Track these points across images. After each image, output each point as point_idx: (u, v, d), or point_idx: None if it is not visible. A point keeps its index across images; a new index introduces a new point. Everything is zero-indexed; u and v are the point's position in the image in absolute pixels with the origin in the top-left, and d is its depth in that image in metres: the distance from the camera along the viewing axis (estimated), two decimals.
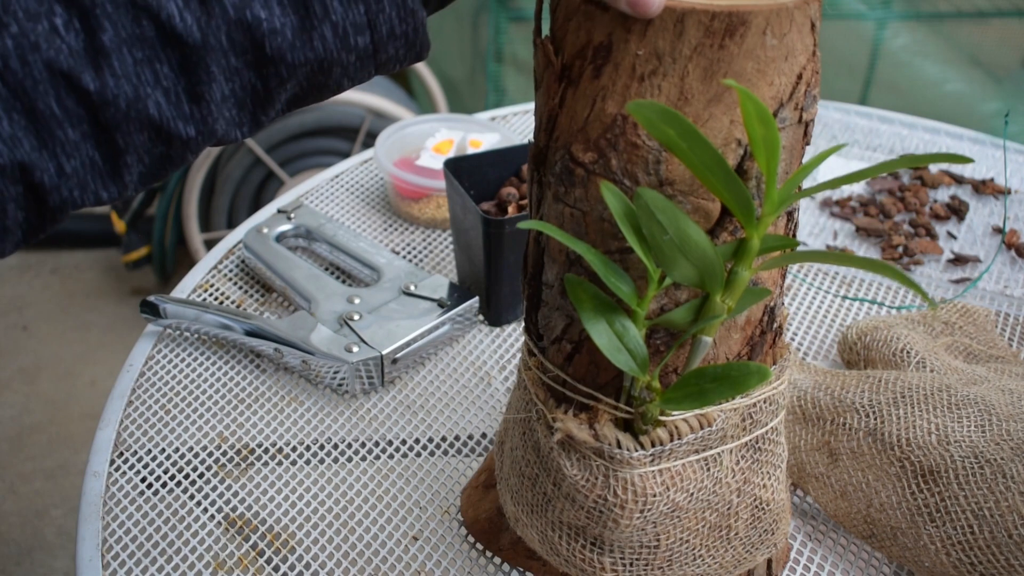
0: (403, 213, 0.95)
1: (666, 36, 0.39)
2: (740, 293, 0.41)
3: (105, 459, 0.66)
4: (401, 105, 1.82)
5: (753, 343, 0.47)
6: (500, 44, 2.02)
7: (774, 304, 0.46)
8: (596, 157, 0.42)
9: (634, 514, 0.45)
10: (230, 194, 1.82)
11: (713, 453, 0.46)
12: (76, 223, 2.22)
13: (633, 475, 0.45)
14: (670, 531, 0.47)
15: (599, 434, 0.45)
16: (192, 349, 0.76)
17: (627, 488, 0.45)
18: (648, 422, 0.44)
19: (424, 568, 0.60)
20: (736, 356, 0.46)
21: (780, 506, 0.52)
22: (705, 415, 0.44)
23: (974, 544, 0.55)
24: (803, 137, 0.43)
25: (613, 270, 0.42)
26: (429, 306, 0.77)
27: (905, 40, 2.07)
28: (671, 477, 0.45)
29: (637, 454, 0.44)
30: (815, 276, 0.89)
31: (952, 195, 1.01)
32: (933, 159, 0.38)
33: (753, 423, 0.48)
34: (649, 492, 0.45)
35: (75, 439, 1.76)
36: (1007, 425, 0.57)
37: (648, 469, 0.45)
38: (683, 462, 0.45)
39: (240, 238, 0.87)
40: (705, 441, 0.45)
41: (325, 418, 0.71)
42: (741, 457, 0.48)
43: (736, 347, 0.46)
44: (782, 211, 0.39)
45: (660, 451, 0.44)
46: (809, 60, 0.40)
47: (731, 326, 0.45)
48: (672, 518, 0.47)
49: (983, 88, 2.09)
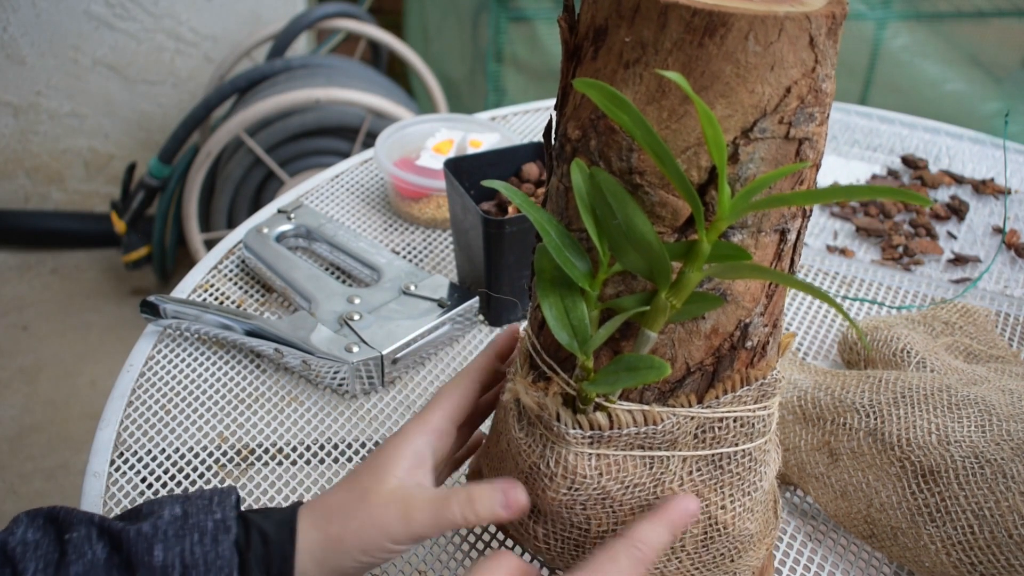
0: (403, 213, 0.95)
1: (651, 27, 0.39)
2: (687, 294, 0.41)
3: (105, 459, 0.66)
4: (401, 105, 1.82)
5: (720, 355, 0.45)
6: (500, 44, 2.02)
7: (749, 321, 0.45)
8: (580, 136, 0.43)
9: (561, 489, 0.46)
10: (230, 194, 1.82)
11: (660, 455, 0.46)
12: (76, 223, 2.22)
13: (568, 452, 0.45)
14: (602, 518, 0.47)
15: (542, 403, 0.46)
16: (192, 349, 0.76)
17: (559, 462, 0.45)
18: (586, 403, 0.45)
19: (424, 568, 0.60)
20: (698, 364, 0.45)
21: (745, 536, 0.49)
22: (651, 413, 0.44)
23: (974, 544, 0.55)
24: (795, 155, 0.41)
25: (572, 248, 0.43)
26: (429, 306, 0.77)
27: (905, 40, 2.07)
28: (607, 465, 0.45)
29: (574, 432, 0.45)
30: (815, 276, 0.89)
31: (952, 195, 1.01)
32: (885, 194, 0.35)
33: (716, 439, 0.46)
34: (580, 472, 0.45)
35: (75, 439, 1.76)
36: (1007, 425, 0.57)
37: (585, 450, 0.45)
38: (624, 454, 0.45)
39: (240, 238, 0.87)
40: (649, 439, 0.45)
41: (325, 418, 0.71)
42: (696, 470, 0.47)
43: (698, 355, 0.45)
44: (735, 219, 0.38)
45: (598, 435, 0.45)
46: (805, 76, 0.39)
47: (693, 331, 0.44)
48: (604, 506, 0.47)
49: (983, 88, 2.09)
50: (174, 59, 2.15)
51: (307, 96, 1.71)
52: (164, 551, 0.45)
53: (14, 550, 0.45)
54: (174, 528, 0.46)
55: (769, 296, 0.45)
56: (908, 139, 1.12)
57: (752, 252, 0.43)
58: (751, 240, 0.43)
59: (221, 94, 1.82)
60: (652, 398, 0.45)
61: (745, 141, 0.40)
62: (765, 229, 0.43)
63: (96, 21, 2.06)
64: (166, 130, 2.19)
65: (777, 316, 0.47)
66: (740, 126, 0.40)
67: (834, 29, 0.40)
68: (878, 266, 0.90)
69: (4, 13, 1.99)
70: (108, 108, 2.17)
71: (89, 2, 2.03)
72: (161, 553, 0.45)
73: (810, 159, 0.42)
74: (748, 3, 0.39)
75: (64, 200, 2.27)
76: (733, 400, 0.46)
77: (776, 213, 0.43)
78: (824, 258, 0.91)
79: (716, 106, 0.39)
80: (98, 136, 2.20)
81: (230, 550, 0.45)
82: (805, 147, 0.41)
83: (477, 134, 0.98)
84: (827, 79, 0.41)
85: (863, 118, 1.15)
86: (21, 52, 2.05)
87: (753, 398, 0.46)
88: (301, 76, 1.82)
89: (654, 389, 0.45)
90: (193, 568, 0.45)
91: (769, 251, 0.44)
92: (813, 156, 0.42)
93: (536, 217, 0.43)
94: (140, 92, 2.17)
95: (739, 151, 0.40)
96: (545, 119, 1.16)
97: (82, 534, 0.46)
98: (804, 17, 0.38)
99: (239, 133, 1.74)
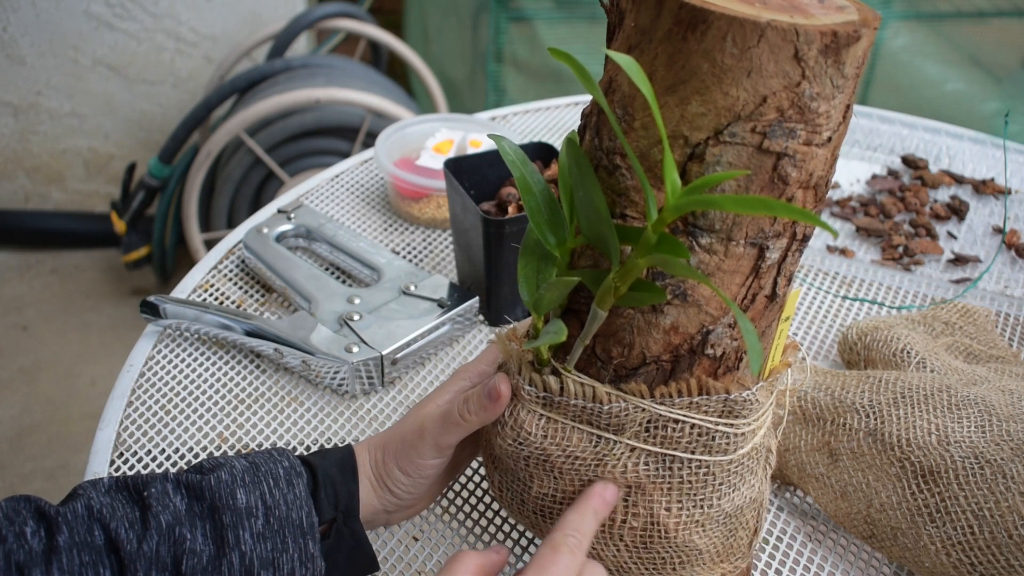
0: (403, 213, 0.95)
1: (650, 15, 0.40)
2: (631, 278, 0.42)
3: (105, 459, 0.66)
4: (401, 105, 1.82)
5: (677, 355, 0.45)
6: (500, 44, 2.02)
7: (712, 329, 0.44)
8: (591, 111, 0.45)
9: (507, 439, 0.49)
10: (230, 194, 1.82)
11: (605, 436, 0.47)
12: (76, 223, 2.22)
13: (521, 407, 0.48)
14: (544, 481, 0.49)
15: (509, 351, 0.50)
16: (192, 349, 0.76)
17: (512, 414, 0.49)
18: (542, 364, 0.48)
19: (424, 568, 0.60)
20: (655, 357, 0.45)
21: (690, 548, 0.49)
22: (599, 391, 0.46)
23: (974, 544, 0.55)
24: (771, 169, 0.40)
25: (551, 215, 0.46)
26: (429, 306, 0.77)
27: (905, 40, 2.07)
28: (554, 430, 0.48)
29: (529, 388, 0.48)
30: (815, 276, 0.89)
31: (952, 195, 1.01)
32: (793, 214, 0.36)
33: (667, 439, 0.46)
34: (526, 428, 0.48)
35: (75, 439, 1.76)
36: (1007, 426, 0.57)
37: (536, 409, 0.48)
38: (572, 424, 0.48)
39: (240, 238, 0.87)
40: (596, 417, 0.47)
41: (325, 418, 0.71)
42: (644, 463, 0.47)
43: (656, 348, 0.45)
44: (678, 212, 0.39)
45: (549, 398, 0.47)
46: (787, 89, 0.38)
47: (652, 323, 0.45)
48: (545, 468, 0.49)
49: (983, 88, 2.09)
50: (174, 59, 2.15)
51: (307, 96, 1.71)
52: (246, 494, 0.49)
53: (100, 511, 0.47)
54: (250, 475, 0.50)
55: (744, 310, 0.45)
56: (908, 139, 1.12)
57: (720, 259, 0.42)
58: (720, 247, 0.42)
59: (221, 94, 1.82)
60: (608, 378, 0.47)
61: (714, 142, 0.40)
62: (736, 239, 0.42)
63: (96, 21, 2.06)
64: (166, 130, 2.19)
65: None
66: (713, 126, 0.40)
67: (833, 49, 0.38)
68: (878, 266, 0.90)
69: (4, 13, 1.99)
70: (108, 108, 2.17)
71: (89, 2, 2.03)
72: (244, 496, 0.49)
73: (792, 178, 0.41)
74: (745, 6, 0.38)
75: (64, 200, 2.27)
76: (690, 405, 0.46)
77: (751, 225, 0.42)
78: (824, 258, 0.90)
79: (692, 102, 0.39)
80: (98, 136, 2.20)
81: (304, 491, 0.50)
82: (785, 164, 0.40)
83: (477, 134, 0.98)
84: (819, 98, 0.39)
85: (863, 118, 1.15)
86: (21, 52, 2.05)
87: (716, 411, 0.46)
88: (301, 76, 1.82)
89: (611, 371, 0.46)
90: (275, 508, 0.49)
91: (744, 264, 0.43)
92: (798, 176, 0.41)
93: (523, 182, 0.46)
94: (140, 92, 2.17)
95: (707, 151, 0.40)
96: (545, 119, 1.16)
97: (159, 489, 0.48)
98: (791, 28, 0.37)
99: (239, 133, 1.74)
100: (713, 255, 0.42)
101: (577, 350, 0.47)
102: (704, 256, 0.42)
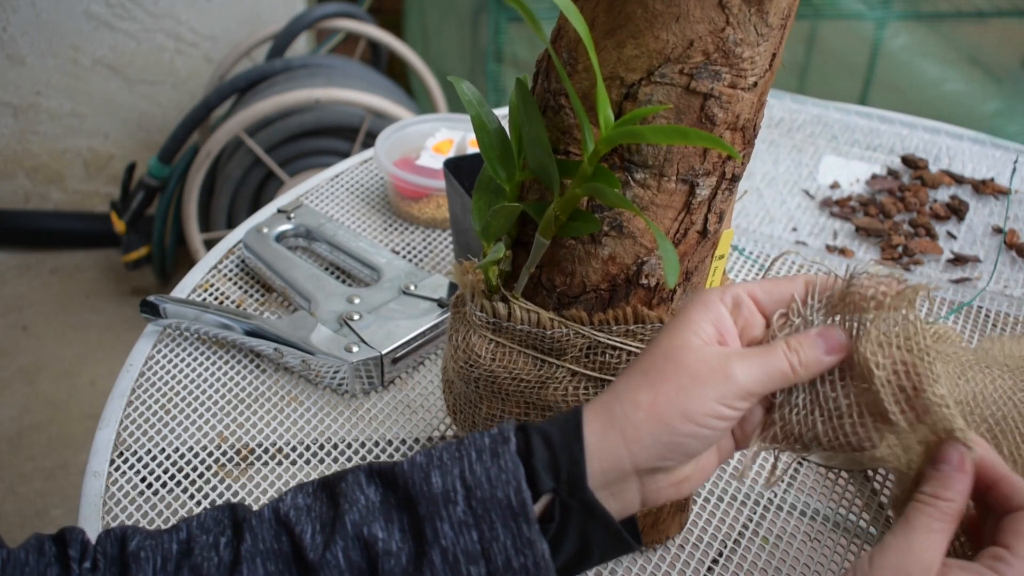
0: (403, 213, 0.95)
1: None
2: (570, 208, 0.45)
3: (105, 459, 0.66)
4: (401, 105, 1.82)
5: (615, 285, 0.49)
6: (500, 44, 2.02)
7: (646, 260, 0.48)
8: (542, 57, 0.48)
9: (459, 361, 0.52)
10: (230, 194, 1.81)
11: (548, 360, 0.50)
12: (76, 223, 2.22)
13: (472, 332, 0.51)
14: (492, 402, 0.52)
15: (464, 280, 0.52)
16: (192, 349, 0.76)
17: (465, 339, 0.52)
18: (493, 291, 0.51)
19: None
20: (594, 286, 0.49)
21: None
22: (543, 317, 0.49)
23: None
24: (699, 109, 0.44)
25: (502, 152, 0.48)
26: (429, 306, 0.77)
27: (905, 40, 2.07)
28: (502, 354, 0.51)
29: (479, 314, 0.51)
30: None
31: (952, 195, 1.01)
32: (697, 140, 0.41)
33: (605, 365, 0.50)
34: (475, 351, 0.51)
35: (75, 439, 1.76)
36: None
37: (486, 334, 0.51)
38: (518, 349, 0.51)
39: (240, 238, 0.87)
40: (539, 342, 0.50)
41: (325, 418, 0.71)
42: (584, 388, 0.50)
43: (595, 277, 0.48)
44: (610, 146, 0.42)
45: (497, 323, 0.50)
46: (712, 34, 0.42)
47: (592, 253, 0.48)
48: (493, 390, 0.52)
49: (983, 88, 2.09)
50: (174, 59, 2.15)
51: (307, 96, 1.71)
52: (441, 476, 0.42)
53: (287, 515, 0.43)
54: (449, 453, 0.43)
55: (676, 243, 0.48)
56: (908, 139, 1.12)
57: (654, 194, 0.46)
58: (653, 182, 0.46)
59: (221, 94, 1.82)
60: (552, 306, 0.50)
61: (647, 82, 0.44)
62: (668, 175, 0.46)
63: (96, 21, 2.06)
64: (166, 130, 2.19)
65: (688, 269, 0.50)
66: (646, 68, 0.43)
67: None
68: (878, 266, 0.90)
69: (4, 13, 1.99)
70: (108, 108, 2.17)
71: (89, 2, 2.03)
72: (439, 479, 0.42)
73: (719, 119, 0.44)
74: None
75: (64, 200, 2.27)
76: (626, 333, 0.49)
77: (682, 162, 0.45)
78: (824, 258, 0.91)
79: (627, 45, 0.43)
80: (98, 136, 2.20)
81: (513, 461, 0.41)
82: (712, 105, 0.44)
83: None
84: (743, 44, 0.43)
85: (863, 118, 1.15)
86: (21, 52, 2.05)
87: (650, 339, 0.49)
88: (301, 76, 1.82)
89: (555, 298, 0.49)
90: (477, 488, 0.41)
91: (676, 199, 0.47)
92: (724, 117, 0.45)
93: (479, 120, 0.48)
94: (140, 92, 2.17)
95: (640, 91, 0.44)
96: None
97: (350, 482, 0.43)
98: None
99: (239, 133, 1.74)
100: (647, 189, 0.46)
101: (523, 278, 0.50)
102: (639, 190, 0.46)
